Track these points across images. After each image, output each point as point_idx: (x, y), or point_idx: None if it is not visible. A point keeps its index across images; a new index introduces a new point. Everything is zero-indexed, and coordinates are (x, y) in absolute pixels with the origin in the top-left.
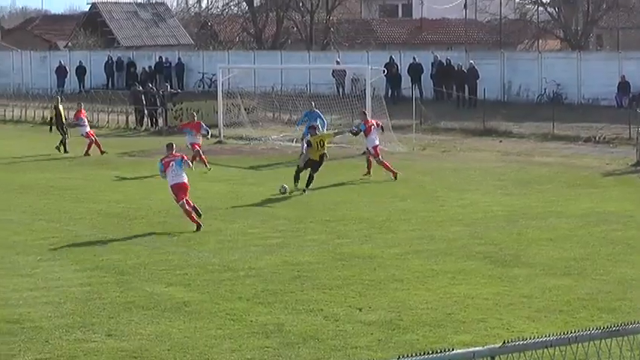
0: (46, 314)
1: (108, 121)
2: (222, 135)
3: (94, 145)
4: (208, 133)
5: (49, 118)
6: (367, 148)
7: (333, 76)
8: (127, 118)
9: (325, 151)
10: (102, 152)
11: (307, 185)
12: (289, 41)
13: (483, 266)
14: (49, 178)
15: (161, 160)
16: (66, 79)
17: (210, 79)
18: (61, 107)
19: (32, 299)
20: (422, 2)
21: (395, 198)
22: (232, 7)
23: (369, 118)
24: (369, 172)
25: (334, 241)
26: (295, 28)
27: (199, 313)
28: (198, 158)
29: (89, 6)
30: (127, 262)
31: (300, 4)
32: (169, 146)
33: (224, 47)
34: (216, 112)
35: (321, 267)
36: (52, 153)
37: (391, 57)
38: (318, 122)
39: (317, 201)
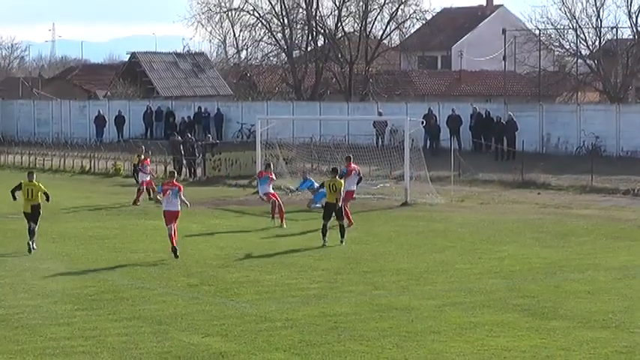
0: None
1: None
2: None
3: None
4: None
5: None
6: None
7: (374, 127)
8: (166, 167)
9: (338, 197)
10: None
11: (342, 236)
12: (328, 92)
13: (521, 319)
14: (87, 227)
15: (162, 185)
16: (105, 129)
17: (249, 130)
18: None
19: (69, 348)
20: (461, 54)
21: (433, 250)
22: (271, 58)
23: (352, 164)
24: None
25: (372, 292)
26: (334, 79)
27: None
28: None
29: (129, 56)
30: (164, 312)
31: (340, 56)
32: (172, 174)
33: (263, 98)
34: (255, 163)
35: (358, 318)
36: (90, 203)
37: (430, 108)
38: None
39: (355, 252)
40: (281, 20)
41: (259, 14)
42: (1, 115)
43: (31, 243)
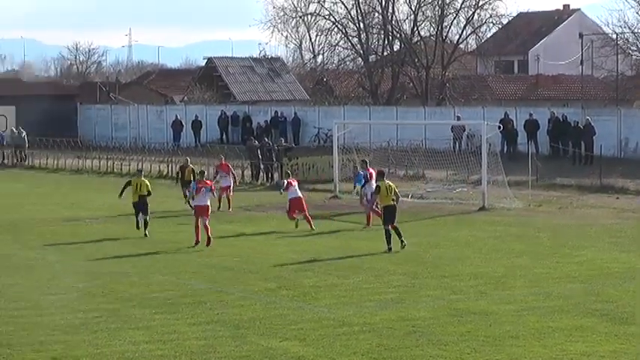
0: None
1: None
2: (337, 190)
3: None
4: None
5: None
6: (366, 197)
7: (452, 131)
8: (243, 172)
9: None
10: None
11: (400, 238)
12: (404, 97)
13: (600, 324)
14: (165, 231)
15: (196, 183)
16: (182, 133)
17: (326, 134)
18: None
19: (148, 352)
20: (538, 58)
21: (511, 254)
22: (348, 63)
23: (369, 167)
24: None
25: (449, 296)
26: (411, 84)
27: None
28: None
29: (205, 61)
30: (243, 317)
31: (416, 60)
32: (202, 173)
33: (340, 102)
34: (332, 167)
35: (436, 323)
36: (167, 207)
37: (506, 113)
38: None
39: (432, 257)
40: (357, 25)
41: (335, 19)
42: (79, 119)
43: (145, 231)
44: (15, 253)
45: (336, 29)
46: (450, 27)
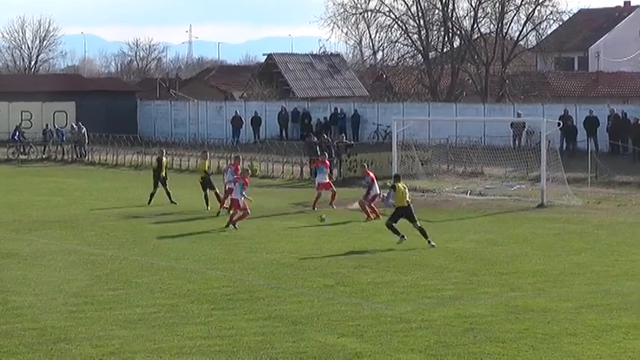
0: None
1: (282, 172)
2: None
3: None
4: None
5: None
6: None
7: (511, 128)
8: (302, 168)
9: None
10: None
11: (426, 238)
12: (464, 93)
13: None
14: (223, 226)
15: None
16: (241, 129)
17: (385, 131)
18: (164, 160)
19: (206, 347)
20: (598, 55)
21: (569, 251)
22: (407, 60)
23: (368, 170)
24: (377, 216)
25: (508, 293)
26: (470, 80)
27: None
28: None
29: (265, 57)
30: (300, 312)
31: (476, 57)
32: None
33: (399, 99)
34: (391, 164)
35: (494, 320)
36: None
37: (566, 110)
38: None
39: (491, 254)
40: (417, 21)
41: (395, 15)
42: (139, 115)
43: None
44: (74, 249)
45: (396, 26)
46: (510, 23)
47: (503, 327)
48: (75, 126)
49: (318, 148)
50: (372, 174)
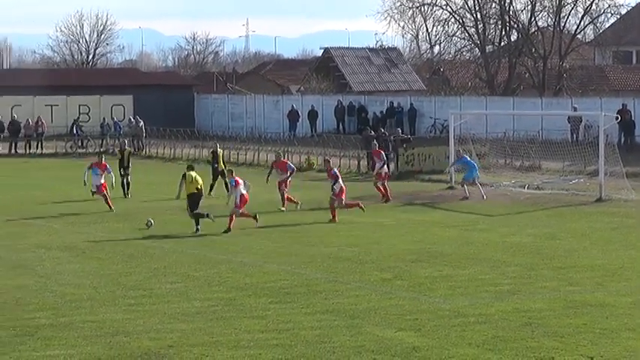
0: (277, 356)
1: (339, 166)
2: (453, 181)
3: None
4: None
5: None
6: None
7: (569, 122)
8: (359, 162)
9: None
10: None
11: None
12: (521, 87)
13: None
14: (280, 220)
15: (235, 180)
16: (298, 123)
17: (442, 125)
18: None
19: (263, 341)
20: None
21: (627, 246)
22: (465, 53)
23: (331, 166)
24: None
25: (566, 288)
26: (527, 74)
27: (429, 359)
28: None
29: (322, 51)
30: (358, 306)
31: (533, 50)
32: (230, 172)
33: (456, 93)
34: (448, 158)
35: (552, 314)
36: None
37: (624, 104)
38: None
39: (549, 248)
40: (474, 15)
41: (452, 9)
42: (196, 109)
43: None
44: (132, 242)
45: (453, 19)
46: (567, 17)
47: (561, 321)
48: (132, 120)
49: (375, 142)
50: (336, 170)
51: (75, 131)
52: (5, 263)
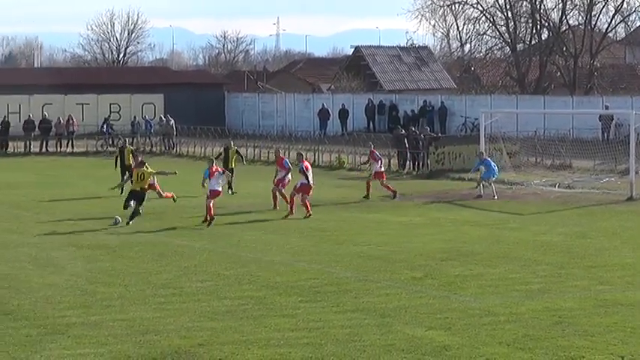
0: (307, 355)
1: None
2: (479, 177)
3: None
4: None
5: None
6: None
7: (599, 121)
8: (390, 161)
9: (144, 186)
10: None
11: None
12: (552, 86)
13: None
14: (310, 219)
15: (208, 168)
16: (328, 122)
17: (473, 123)
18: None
19: (293, 339)
20: None
21: None
22: (495, 52)
23: (304, 159)
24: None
25: (596, 287)
26: (558, 73)
27: (459, 358)
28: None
29: (353, 49)
30: (388, 305)
31: (564, 49)
32: (210, 160)
33: (487, 91)
34: (478, 157)
35: (582, 313)
36: (324, 196)
37: None
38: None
39: (579, 247)
40: (505, 14)
41: (483, 7)
42: (226, 108)
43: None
44: (162, 240)
45: (483, 18)
46: (598, 15)
47: (591, 320)
48: (163, 118)
49: (405, 141)
50: (307, 163)
51: (106, 130)
52: (36, 262)
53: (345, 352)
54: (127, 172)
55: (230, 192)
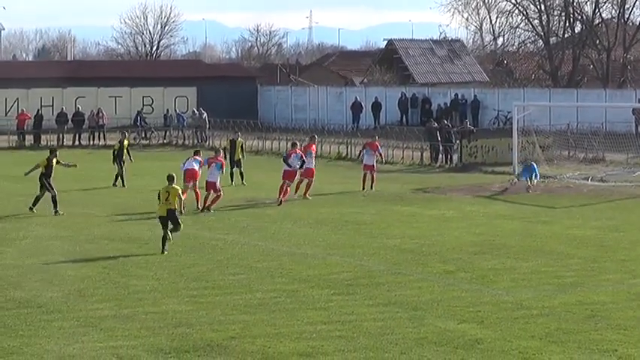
0: (340, 348)
1: (402, 157)
2: (516, 172)
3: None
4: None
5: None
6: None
7: (633, 114)
8: (422, 154)
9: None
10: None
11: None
12: (585, 79)
13: None
14: (343, 212)
15: (207, 159)
16: (361, 115)
17: (506, 117)
18: (126, 142)
19: (326, 332)
20: None
21: None
22: (528, 45)
23: (298, 149)
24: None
25: (629, 280)
26: (591, 66)
27: (491, 351)
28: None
29: (385, 43)
30: (420, 298)
31: (597, 42)
32: (216, 151)
33: (519, 84)
34: (511, 150)
35: (615, 307)
36: (346, 188)
37: None
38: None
39: (612, 240)
40: (538, 7)
41: (516, 1)
42: (259, 101)
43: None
44: (195, 234)
45: (516, 11)
46: (632, 8)
47: (624, 314)
48: (196, 111)
49: (438, 134)
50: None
51: (139, 122)
52: (69, 254)
53: (378, 345)
54: (122, 164)
55: (242, 183)
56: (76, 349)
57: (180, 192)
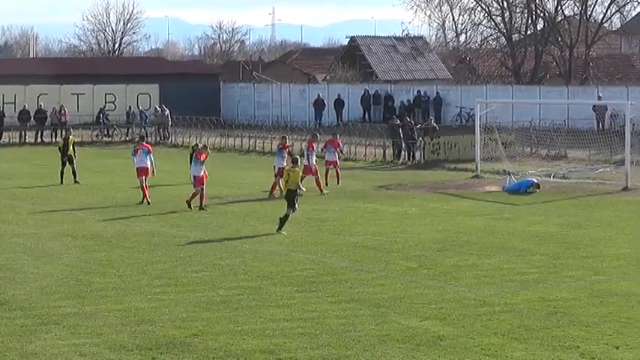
0: (302, 345)
1: (365, 154)
2: (479, 169)
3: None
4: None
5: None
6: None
7: (594, 111)
8: (384, 151)
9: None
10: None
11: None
12: (547, 76)
13: None
14: (306, 209)
15: (134, 147)
16: (324, 112)
17: (468, 114)
18: (71, 138)
19: (288, 330)
20: None
21: None
22: (491, 42)
23: (286, 143)
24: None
25: (591, 277)
26: (554, 63)
27: (454, 348)
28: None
29: (348, 40)
30: (383, 295)
31: (560, 39)
32: (142, 138)
33: (482, 81)
34: (474, 147)
35: (577, 303)
36: (306, 185)
37: None
38: None
39: (574, 237)
40: (500, 4)
41: None
42: (222, 98)
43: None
44: (158, 230)
45: (479, 8)
46: (594, 6)
47: (587, 311)
48: (158, 108)
49: (400, 131)
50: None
51: (101, 120)
52: (31, 252)
53: (340, 342)
54: (66, 162)
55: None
56: (38, 347)
57: (300, 176)
